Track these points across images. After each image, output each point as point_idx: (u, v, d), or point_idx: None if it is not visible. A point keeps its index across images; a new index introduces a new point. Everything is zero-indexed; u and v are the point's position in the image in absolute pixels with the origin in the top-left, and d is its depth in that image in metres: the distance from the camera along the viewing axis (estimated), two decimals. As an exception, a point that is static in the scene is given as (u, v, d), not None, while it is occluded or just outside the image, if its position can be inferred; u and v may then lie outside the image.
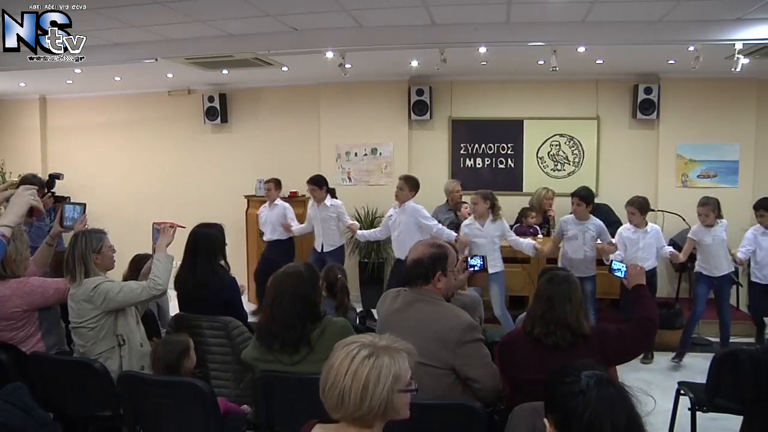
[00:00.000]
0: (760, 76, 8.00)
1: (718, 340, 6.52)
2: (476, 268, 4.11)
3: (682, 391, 4.19)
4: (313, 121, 9.07)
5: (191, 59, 6.91)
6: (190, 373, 3.47)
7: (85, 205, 4.25)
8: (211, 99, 9.19)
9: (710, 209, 6.14)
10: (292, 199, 8.38)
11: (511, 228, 7.57)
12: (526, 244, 6.42)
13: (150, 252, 4.22)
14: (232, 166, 9.25)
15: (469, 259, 4.13)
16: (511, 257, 6.86)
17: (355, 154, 9.01)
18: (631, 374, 5.39)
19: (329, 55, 6.57)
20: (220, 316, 3.92)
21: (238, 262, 8.03)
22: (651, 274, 5.89)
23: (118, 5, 5.20)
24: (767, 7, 5.39)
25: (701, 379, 4.08)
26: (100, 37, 6.14)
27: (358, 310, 5.99)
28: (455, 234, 6.50)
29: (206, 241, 4.18)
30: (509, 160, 8.85)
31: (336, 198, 7.48)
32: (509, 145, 8.83)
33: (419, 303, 3.03)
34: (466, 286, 3.94)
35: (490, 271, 6.00)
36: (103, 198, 8.96)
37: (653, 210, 7.70)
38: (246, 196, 8.69)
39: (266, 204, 7.82)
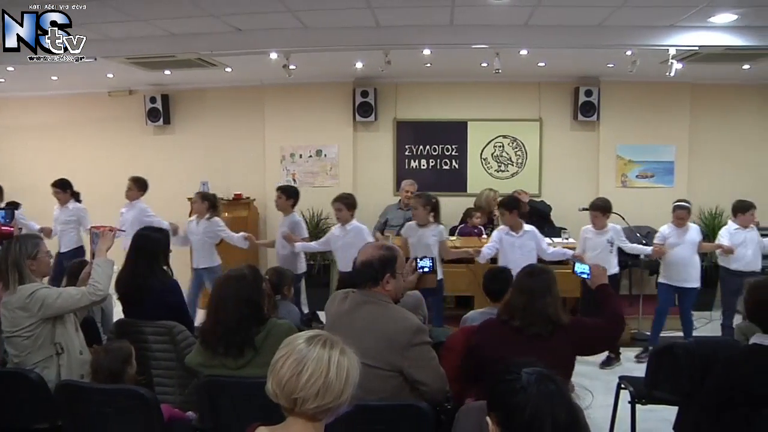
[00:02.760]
0: (693, 81, 8.29)
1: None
2: (425, 270, 4.12)
3: (622, 385, 4.31)
4: (257, 122, 8.99)
5: (132, 59, 6.76)
6: (134, 380, 3.39)
7: (13, 209, 4.11)
8: (153, 100, 9.00)
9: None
10: (237, 201, 8.28)
11: (456, 228, 7.68)
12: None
13: (86, 258, 4.12)
14: (175, 168, 9.06)
15: (418, 260, 4.15)
16: (455, 258, 6.91)
17: (300, 156, 8.96)
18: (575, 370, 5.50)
19: (273, 56, 6.52)
20: (163, 321, 3.85)
21: (184, 267, 7.89)
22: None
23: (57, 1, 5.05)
24: (697, 15, 5.62)
25: (641, 373, 4.20)
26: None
27: (304, 312, 5.95)
28: None
29: (149, 245, 4.11)
30: (454, 161, 8.93)
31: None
32: (453, 147, 8.91)
33: (368, 305, 3.02)
34: (416, 288, 3.94)
35: None
36: (45, 202, 8.66)
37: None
38: (189, 199, 8.53)
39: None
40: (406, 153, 8.96)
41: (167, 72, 7.70)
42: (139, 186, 7.24)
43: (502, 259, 6.04)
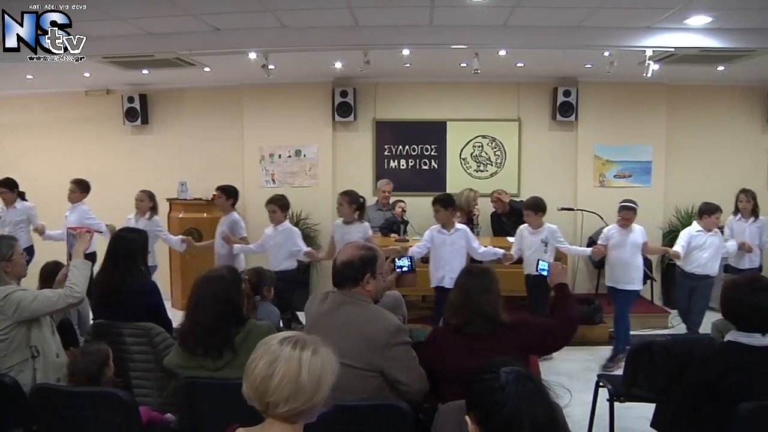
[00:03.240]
0: (669, 82, 8.40)
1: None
2: (404, 269, 4.11)
3: (600, 383, 4.35)
4: (236, 122, 8.93)
5: (109, 58, 6.69)
6: (112, 383, 3.35)
7: None
8: (131, 100, 8.91)
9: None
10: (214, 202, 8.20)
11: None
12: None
13: (61, 260, 4.07)
14: (154, 168, 8.97)
15: (396, 260, 4.13)
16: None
17: (279, 156, 8.92)
18: (553, 369, 5.56)
19: (252, 55, 6.49)
20: (141, 323, 3.82)
21: (161, 267, 7.84)
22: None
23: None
24: (673, 17, 5.71)
25: (618, 371, 4.24)
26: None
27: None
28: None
29: (127, 246, 4.08)
30: (433, 161, 8.95)
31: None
32: (433, 147, 8.93)
33: (347, 305, 3.02)
34: (395, 288, 3.92)
35: None
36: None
37: (572, 209, 7.95)
38: (168, 200, 8.48)
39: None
40: (386, 153, 8.96)
41: (145, 71, 7.64)
42: (81, 188, 7.21)
43: (433, 256, 6.17)
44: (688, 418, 2.94)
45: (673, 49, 6.23)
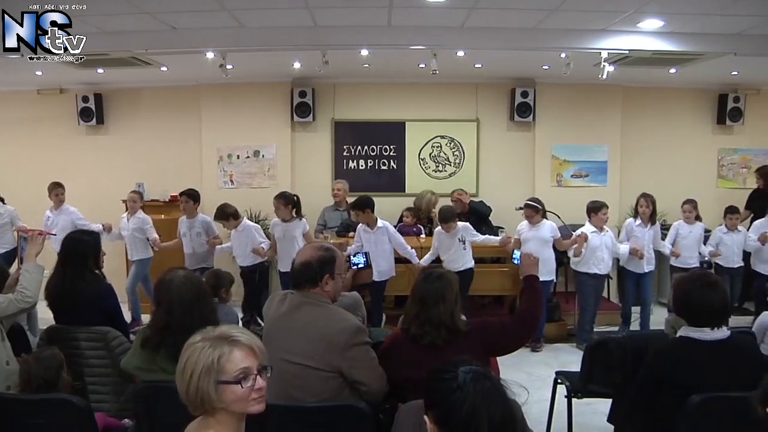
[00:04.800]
0: (624, 83, 8.57)
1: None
2: (360, 266, 4.10)
3: (559, 380, 4.40)
4: (194, 122, 8.81)
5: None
6: (69, 387, 3.28)
7: None
8: (85, 99, 8.71)
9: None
10: (174, 203, 8.11)
11: (395, 228, 7.72)
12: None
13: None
14: (109, 169, 8.80)
15: (351, 257, 4.13)
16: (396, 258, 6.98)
17: (238, 157, 8.84)
18: (512, 366, 5.60)
19: (209, 55, 6.41)
20: (97, 327, 3.74)
21: (118, 270, 7.71)
22: None
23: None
24: (626, 21, 5.83)
25: (576, 367, 4.30)
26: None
27: (240, 316, 5.93)
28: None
29: (79, 249, 3.99)
30: (392, 161, 8.97)
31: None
32: (392, 147, 8.95)
33: (306, 306, 3.00)
34: (351, 285, 3.91)
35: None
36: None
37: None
38: (124, 201, 8.32)
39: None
40: (344, 153, 8.95)
41: (100, 70, 7.49)
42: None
43: None
44: (642, 412, 3.02)
45: (627, 52, 6.36)
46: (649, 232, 6.99)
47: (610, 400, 3.92)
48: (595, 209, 6.70)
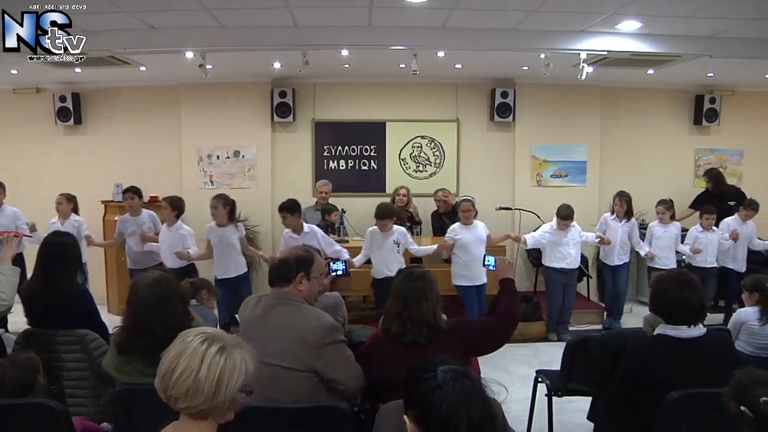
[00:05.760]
0: (603, 84, 8.65)
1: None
2: (338, 273, 4.09)
3: (539, 379, 4.43)
4: (173, 122, 8.74)
5: (39, 55, 6.46)
6: (46, 391, 3.24)
7: None
8: (62, 99, 8.60)
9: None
10: (153, 203, 8.05)
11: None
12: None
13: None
14: (88, 170, 8.69)
15: (331, 263, 4.11)
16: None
17: (218, 157, 8.80)
18: (493, 365, 5.63)
19: (189, 55, 6.38)
20: (75, 329, 3.70)
21: (97, 271, 7.64)
22: None
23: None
24: (605, 22, 5.90)
25: (557, 366, 4.33)
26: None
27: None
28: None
29: (58, 251, 3.95)
30: (372, 161, 8.97)
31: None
32: (372, 147, 8.95)
33: (280, 306, 3.01)
34: (328, 292, 3.90)
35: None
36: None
37: (510, 208, 8.10)
38: (103, 202, 8.26)
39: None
40: (325, 154, 8.94)
41: (78, 70, 7.41)
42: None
43: None
44: (621, 409, 3.05)
45: (605, 53, 6.42)
46: (624, 227, 7.17)
47: (590, 398, 3.97)
48: (561, 215, 6.87)
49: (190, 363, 1.73)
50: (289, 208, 6.42)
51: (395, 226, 6.58)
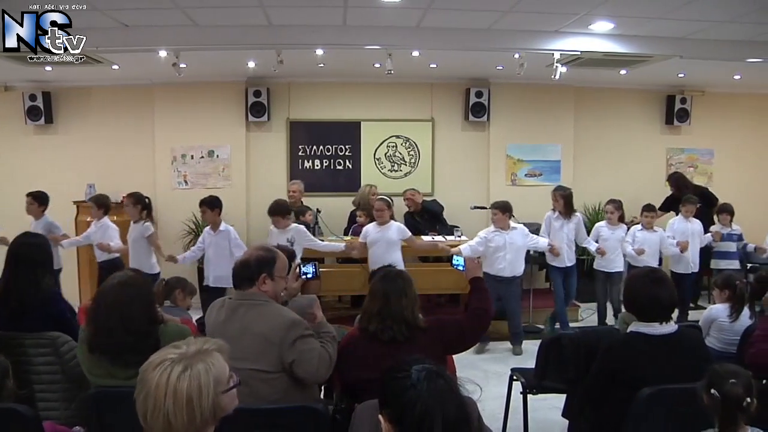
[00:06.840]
0: (577, 84, 8.74)
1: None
2: (308, 276, 4.07)
3: (514, 377, 4.47)
4: (147, 122, 8.66)
5: (7, 52, 6.36)
6: (14, 396, 3.17)
7: None
8: (33, 97, 8.45)
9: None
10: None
11: (349, 229, 7.72)
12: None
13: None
14: (59, 170, 8.53)
15: (300, 266, 4.08)
16: (347, 258, 6.98)
17: (192, 157, 8.72)
18: (468, 364, 5.66)
19: (162, 53, 6.31)
20: (45, 332, 3.64)
21: (69, 273, 7.53)
22: None
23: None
24: (578, 23, 5.95)
25: (532, 364, 4.36)
26: None
27: (195, 318, 5.85)
28: None
29: (27, 252, 3.88)
30: (347, 161, 8.96)
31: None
32: (347, 147, 8.94)
33: (243, 308, 2.99)
34: (300, 294, 3.88)
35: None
36: None
37: (485, 207, 8.11)
38: (75, 202, 8.15)
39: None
40: (300, 153, 8.91)
41: (48, 68, 7.29)
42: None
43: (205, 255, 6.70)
44: (595, 405, 3.09)
45: (579, 53, 6.49)
46: (569, 225, 6.96)
47: (564, 395, 4.00)
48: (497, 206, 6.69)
49: (156, 402, 1.73)
50: (211, 204, 6.57)
51: (293, 224, 6.65)
